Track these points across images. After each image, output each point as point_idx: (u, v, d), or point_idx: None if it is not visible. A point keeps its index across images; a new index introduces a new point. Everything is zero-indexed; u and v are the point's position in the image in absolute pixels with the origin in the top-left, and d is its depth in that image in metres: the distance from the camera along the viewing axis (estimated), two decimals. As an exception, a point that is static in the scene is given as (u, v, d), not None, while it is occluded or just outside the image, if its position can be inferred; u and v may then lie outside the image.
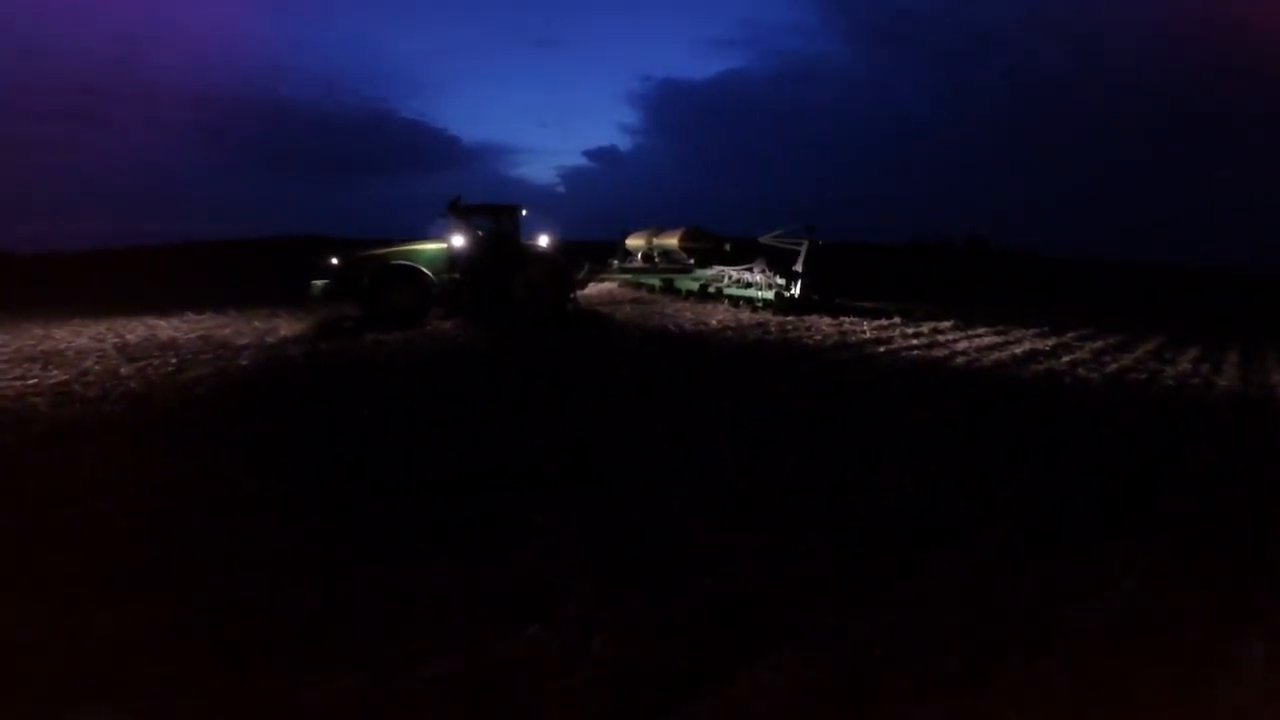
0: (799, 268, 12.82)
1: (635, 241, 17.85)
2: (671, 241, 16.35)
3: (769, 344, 9.40)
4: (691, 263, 15.79)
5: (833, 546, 3.18)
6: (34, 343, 8.80)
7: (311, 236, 40.61)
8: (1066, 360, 8.72)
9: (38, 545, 3.08)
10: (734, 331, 10.58)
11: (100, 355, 7.86)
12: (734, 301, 14.01)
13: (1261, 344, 11.63)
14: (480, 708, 2.09)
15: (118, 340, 9.05)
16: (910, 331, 10.99)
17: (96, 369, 7.03)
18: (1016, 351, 9.24)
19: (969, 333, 11.24)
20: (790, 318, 12.11)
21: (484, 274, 11.38)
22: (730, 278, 14.44)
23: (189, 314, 11.97)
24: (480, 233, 11.66)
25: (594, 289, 16.41)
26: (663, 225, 17.24)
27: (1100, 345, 10.34)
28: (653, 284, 16.96)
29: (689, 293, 15.58)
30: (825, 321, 11.71)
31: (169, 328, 10.32)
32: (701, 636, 2.46)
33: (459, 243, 11.23)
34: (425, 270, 10.90)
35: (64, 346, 8.48)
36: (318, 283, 10.56)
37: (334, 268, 10.58)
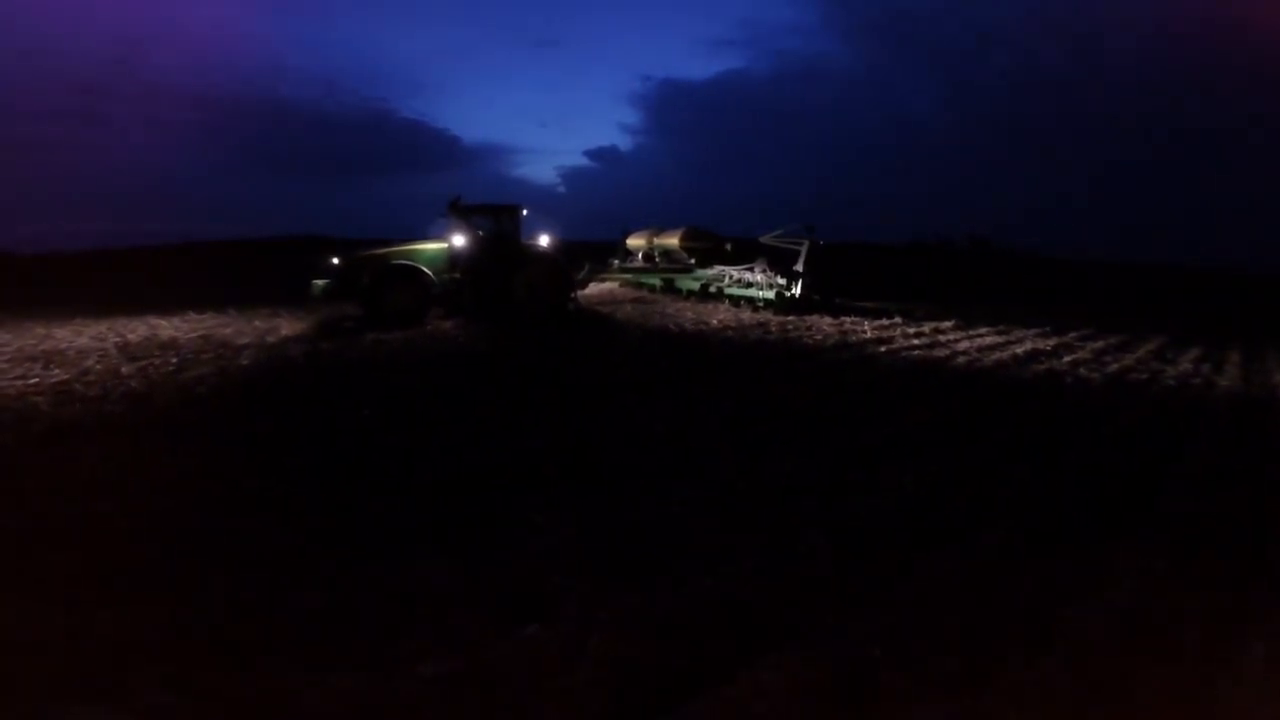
0: (800, 267, 12.82)
1: (636, 241, 17.83)
2: (672, 241, 16.34)
3: (769, 344, 9.39)
4: (692, 262, 15.77)
5: (833, 546, 3.18)
6: (35, 342, 8.81)
7: (312, 236, 40.54)
8: (1068, 360, 8.71)
9: (38, 544, 3.08)
10: (734, 331, 10.58)
11: (101, 355, 7.87)
12: (735, 301, 14.01)
13: (1263, 344, 11.61)
14: (480, 707, 2.09)
15: (119, 340, 9.05)
16: (911, 331, 10.98)
17: (98, 368, 7.04)
18: (1018, 351, 9.24)
19: (970, 333, 11.23)
20: (791, 318, 12.11)
21: (484, 274, 11.38)
22: (731, 277, 14.43)
23: (190, 313, 11.98)
24: (481, 232, 11.67)
25: (594, 289, 16.39)
26: (663, 225, 17.22)
27: (1101, 345, 10.33)
28: (653, 284, 16.95)
29: (690, 293, 15.57)
30: (826, 321, 11.71)
31: (170, 327, 10.33)
32: (701, 636, 2.46)
33: (459, 242, 11.23)
34: (426, 270, 10.91)
35: (65, 346, 8.48)
36: (318, 282, 10.58)
37: (335, 267, 10.59)
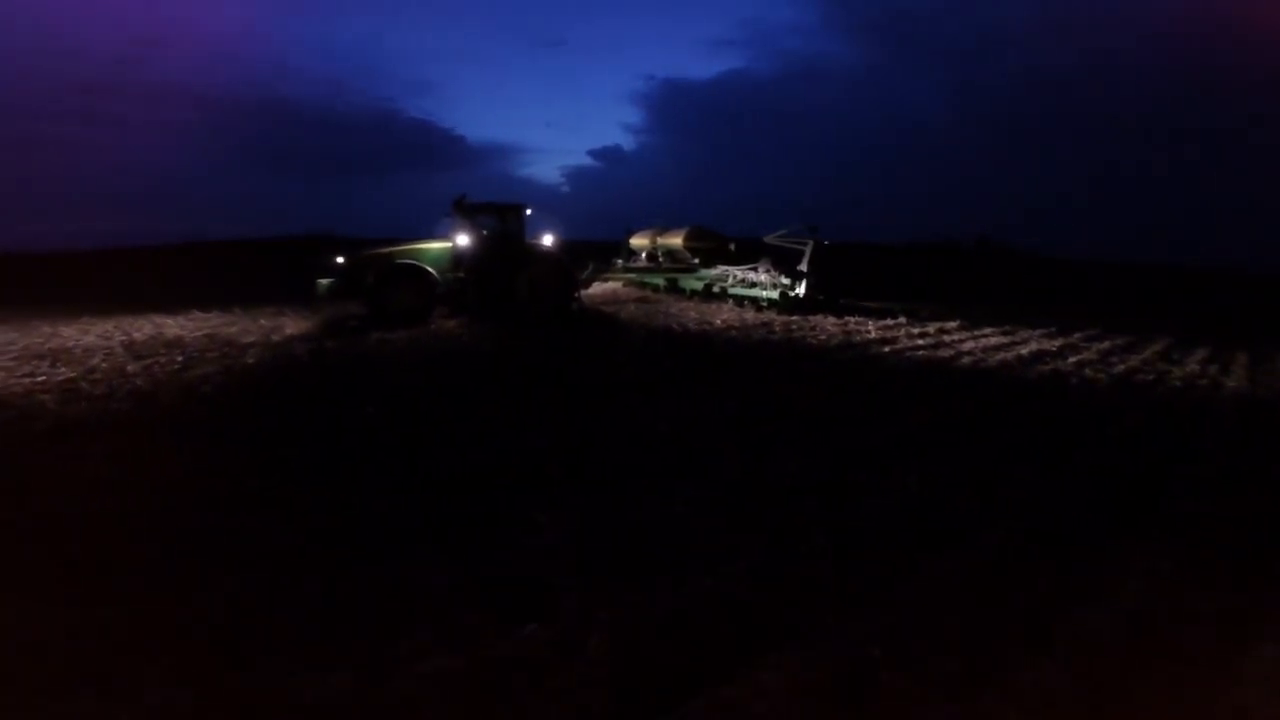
0: (804, 267, 12.79)
1: (640, 241, 17.83)
2: (676, 241, 16.33)
3: (773, 344, 9.37)
4: (696, 262, 15.77)
5: (835, 547, 3.16)
6: (42, 340, 8.87)
7: (317, 235, 40.62)
8: (1073, 361, 8.66)
9: (41, 542, 3.10)
10: (738, 331, 10.56)
11: (107, 353, 7.92)
12: (738, 301, 13.99)
13: (1270, 345, 11.51)
14: (480, 706, 2.09)
15: (125, 338, 9.11)
16: (916, 331, 10.93)
17: (103, 366, 7.08)
18: (1023, 352, 9.19)
19: (975, 333, 11.18)
20: (795, 317, 12.08)
21: (488, 273, 11.40)
22: (735, 277, 14.42)
23: (195, 312, 12.05)
24: (485, 232, 11.69)
25: (598, 288, 16.40)
26: (667, 224, 17.23)
27: (1107, 346, 10.27)
28: (657, 283, 16.95)
29: (693, 292, 15.56)
30: (830, 321, 11.68)
31: (175, 326, 10.39)
32: (702, 636, 2.46)
33: (464, 242, 11.26)
34: (430, 269, 10.94)
35: (71, 344, 8.54)
36: (323, 281, 10.61)
37: (339, 266, 10.63)
